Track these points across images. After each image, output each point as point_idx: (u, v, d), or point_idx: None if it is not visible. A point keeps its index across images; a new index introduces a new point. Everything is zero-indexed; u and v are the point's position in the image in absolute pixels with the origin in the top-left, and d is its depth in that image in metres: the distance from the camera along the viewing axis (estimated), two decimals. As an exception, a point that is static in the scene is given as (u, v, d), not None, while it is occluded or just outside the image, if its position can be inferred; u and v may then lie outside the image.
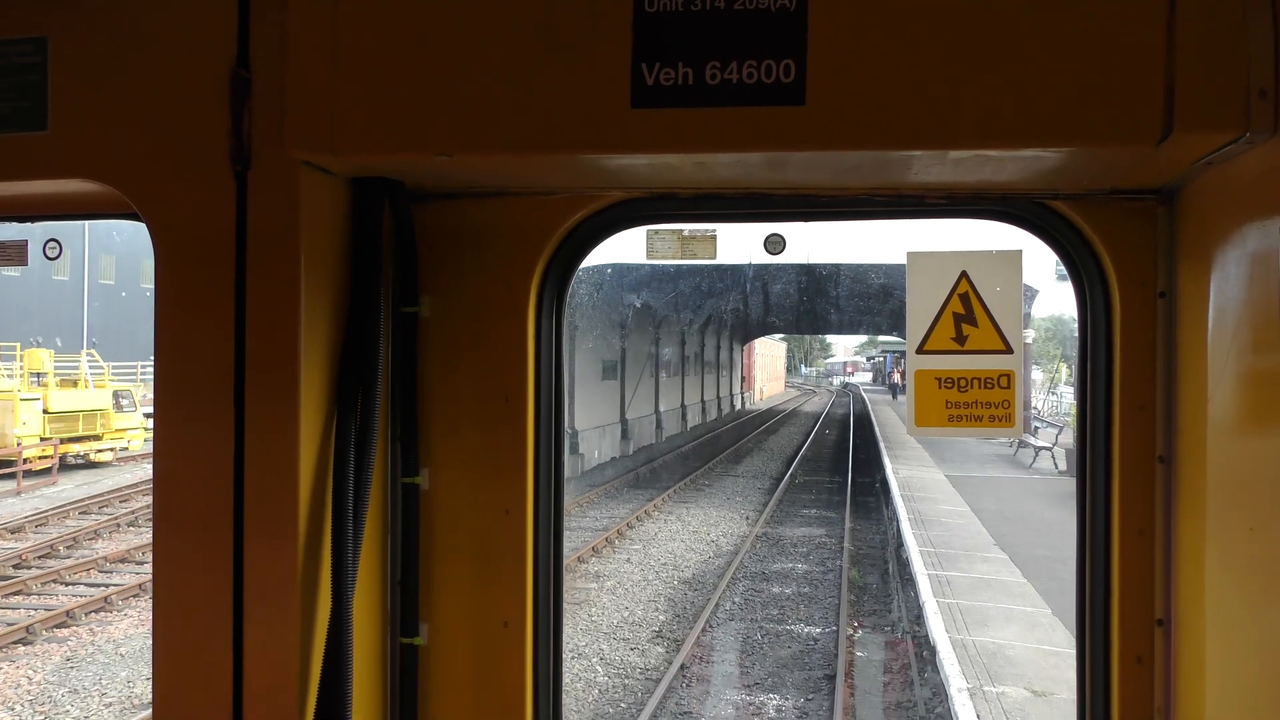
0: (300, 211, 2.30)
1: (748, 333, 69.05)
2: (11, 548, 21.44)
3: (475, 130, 2.20)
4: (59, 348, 42.42)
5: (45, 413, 31.90)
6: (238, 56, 2.30)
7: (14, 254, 3.31)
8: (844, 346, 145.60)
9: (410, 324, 2.62)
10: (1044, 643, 14.00)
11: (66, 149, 2.38)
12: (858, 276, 40.19)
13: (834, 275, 40.09)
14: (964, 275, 2.60)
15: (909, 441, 38.95)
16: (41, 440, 31.43)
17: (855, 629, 17.23)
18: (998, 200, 2.53)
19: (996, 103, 2.05)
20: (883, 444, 39.23)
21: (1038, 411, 48.66)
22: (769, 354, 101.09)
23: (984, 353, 2.60)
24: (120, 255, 59.12)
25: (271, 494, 2.31)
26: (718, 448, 45.67)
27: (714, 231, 4.02)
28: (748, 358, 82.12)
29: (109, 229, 54.80)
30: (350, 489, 2.37)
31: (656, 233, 4.00)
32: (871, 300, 42.59)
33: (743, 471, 38.36)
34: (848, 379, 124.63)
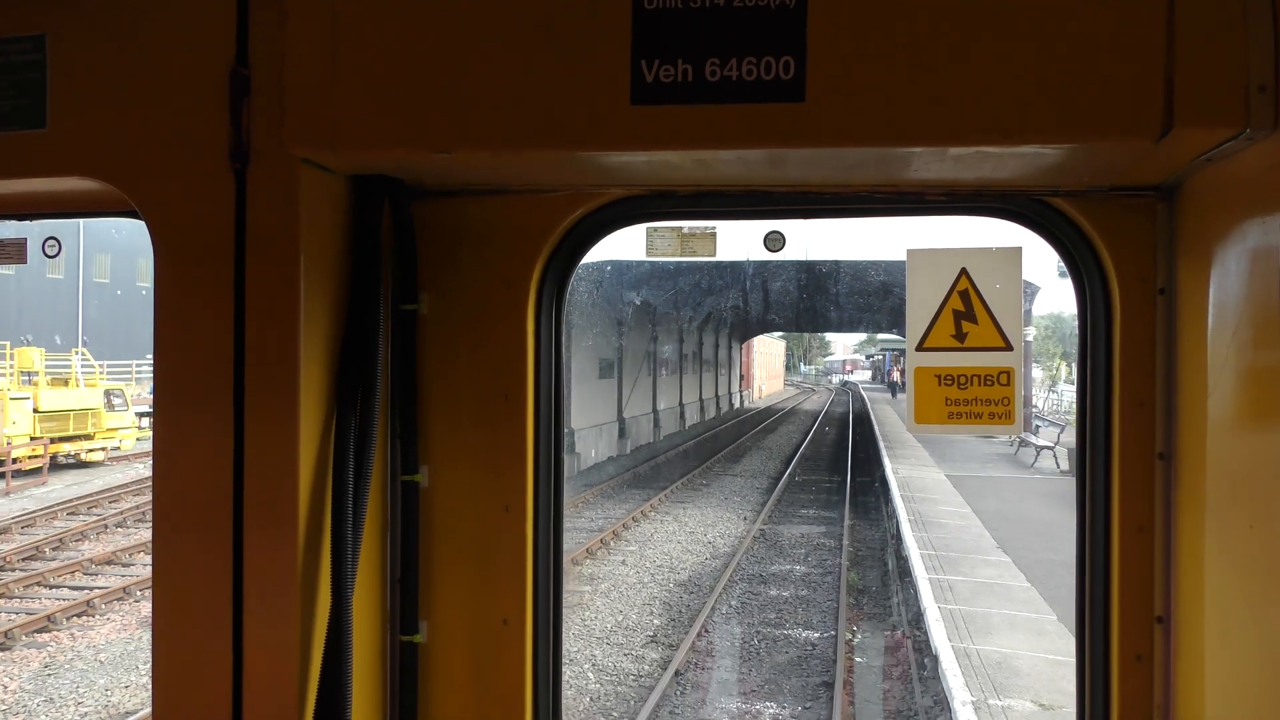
0: (300, 209, 2.30)
1: (747, 330, 69.15)
2: (-4, 550, 21.18)
3: (475, 127, 2.20)
4: (58, 345, 42.47)
5: (35, 412, 31.71)
6: (237, 54, 2.30)
7: (13, 252, 3.29)
8: (843, 345, 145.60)
9: (410, 322, 2.63)
10: (1051, 651, 13.53)
11: (65, 147, 2.38)
12: (857, 274, 40.22)
13: (834, 272, 40.15)
14: (964, 272, 2.60)
15: (908, 440, 38.75)
16: (31, 440, 31.27)
17: (854, 634, 16.90)
18: (998, 197, 2.51)
19: (996, 99, 2.05)
20: (882, 443, 38.90)
21: (1038, 410, 48.28)
22: (768, 352, 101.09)
23: (984, 350, 2.59)
24: (116, 253, 59.09)
25: (271, 491, 2.31)
26: (716, 446, 45.48)
27: (713, 229, 4.02)
28: (746, 356, 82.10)
29: (105, 227, 54.84)
30: (350, 486, 2.37)
31: (656, 230, 4.06)
32: (871, 298, 42.71)
33: (741, 470, 38.08)
34: (846, 377, 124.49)
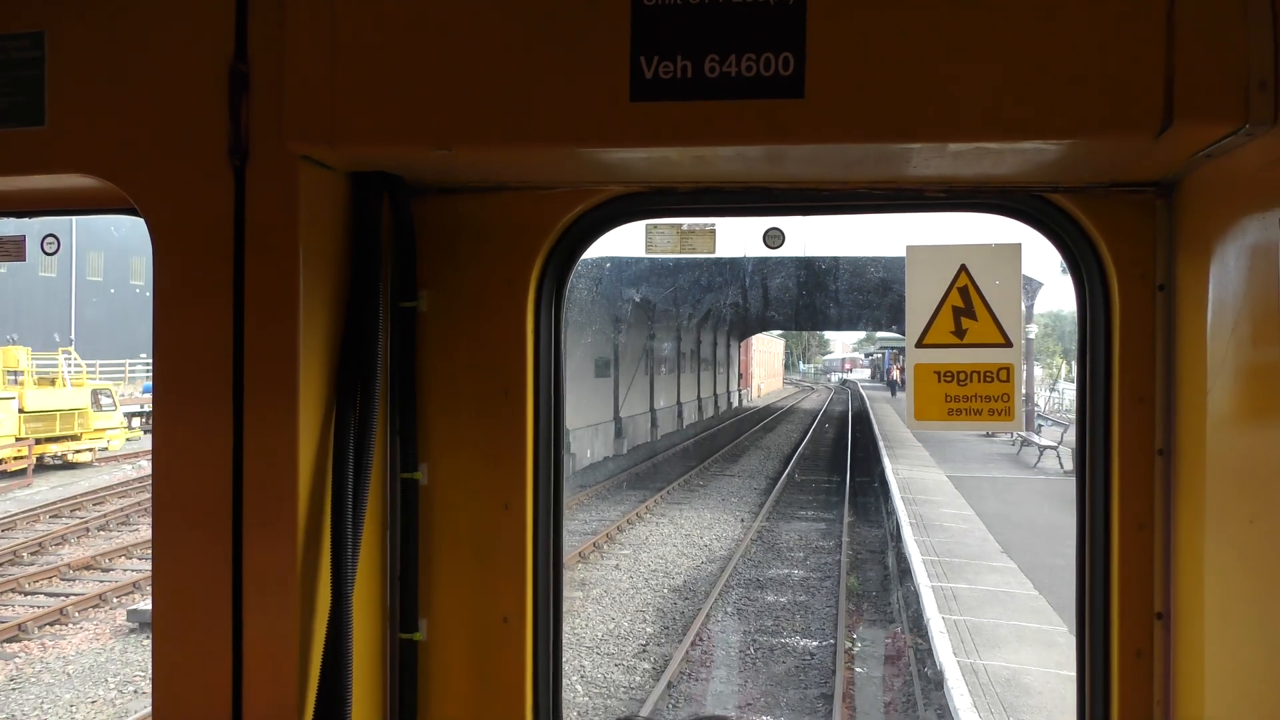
0: (299, 206, 2.30)
1: (746, 328, 68.80)
2: (-27, 554, 20.76)
3: (474, 124, 2.20)
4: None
5: (21, 412, 31.34)
6: (236, 50, 2.29)
7: (12, 250, 3.22)
8: (842, 343, 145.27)
9: (409, 319, 2.63)
10: (1062, 666, 12.88)
11: (64, 144, 2.38)
12: (857, 270, 39.90)
13: (833, 269, 39.85)
14: (963, 269, 2.59)
15: (908, 439, 38.26)
16: (17, 440, 30.86)
17: (854, 643, 16.32)
18: (997, 193, 2.52)
19: (996, 95, 2.05)
20: (881, 442, 38.43)
21: (1039, 409, 47.73)
22: (766, 350, 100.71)
23: (983, 346, 2.59)
24: (109, 251, 58.69)
25: (271, 489, 2.31)
26: (714, 446, 45.07)
27: (713, 226, 4.08)
28: (745, 354, 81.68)
29: (100, 224, 54.45)
30: (349, 484, 2.37)
31: (655, 227, 4.13)
32: (870, 294, 42.43)
33: (739, 471, 37.65)
34: (845, 375, 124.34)
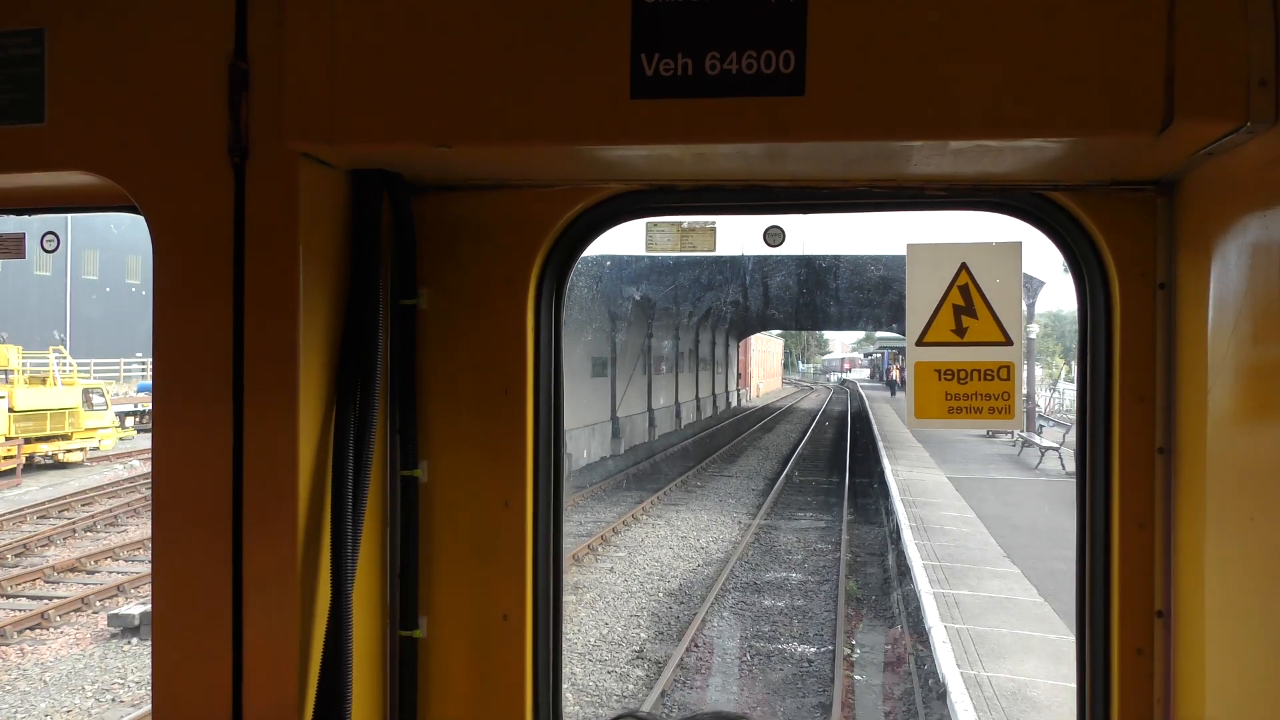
0: (299, 203, 2.30)
1: (746, 327, 68.57)
2: (-44, 556, 20.50)
3: (474, 121, 2.20)
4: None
5: (11, 411, 31.08)
6: (235, 48, 2.29)
7: (11, 247, 3.19)
8: (841, 343, 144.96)
9: (409, 316, 2.63)
10: (1071, 679, 12.56)
11: (64, 141, 2.38)
12: (857, 268, 39.71)
13: (833, 267, 39.68)
14: (964, 267, 2.59)
15: (908, 439, 37.95)
16: (6, 440, 30.57)
17: (853, 649, 15.96)
18: (997, 191, 2.53)
19: (997, 93, 2.06)
20: (881, 442, 38.15)
21: (1040, 409, 47.38)
22: (765, 350, 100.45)
23: (984, 344, 2.59)
24: (105, 250, 58.43)
25: (270, 486, 2.31)
26: (712, 446, 44.79)
27: (713, 224, 4.08)
28: (744, 354, 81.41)
29: (98, 223, 54.23)
30: (349, 482, 2.37)
31: (656, 225, 4.18)
32: (870, 292, 42.24)
33: (737, 471, 37.34)
34: (845, 375, 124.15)
